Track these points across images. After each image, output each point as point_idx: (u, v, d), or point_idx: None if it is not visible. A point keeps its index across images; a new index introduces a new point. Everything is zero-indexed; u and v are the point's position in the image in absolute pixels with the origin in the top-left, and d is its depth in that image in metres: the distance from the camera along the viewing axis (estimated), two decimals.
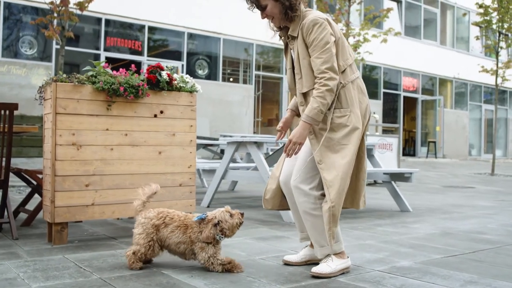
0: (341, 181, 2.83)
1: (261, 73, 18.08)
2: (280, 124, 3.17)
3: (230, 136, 9.23)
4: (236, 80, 17.60)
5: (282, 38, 3.14)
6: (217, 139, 10.36)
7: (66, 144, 3.63)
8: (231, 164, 6.20)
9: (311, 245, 3.16)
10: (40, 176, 4.32)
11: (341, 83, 2.92)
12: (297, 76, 2.99)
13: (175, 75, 4.18)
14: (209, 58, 16.44)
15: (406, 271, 3.01)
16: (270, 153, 6.56)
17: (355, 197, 3.08)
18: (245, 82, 17.71)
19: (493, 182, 11.79)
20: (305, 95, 2.96)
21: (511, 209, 6.35)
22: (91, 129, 3.74)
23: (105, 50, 14.08)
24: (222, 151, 10.22)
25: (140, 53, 14.72)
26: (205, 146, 8.76)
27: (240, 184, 9.19)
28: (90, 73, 3.82)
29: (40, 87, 3.91)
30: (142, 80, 3.94)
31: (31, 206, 4.77)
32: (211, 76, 16.37)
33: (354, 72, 2.99)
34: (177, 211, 3.09)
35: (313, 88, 2.87)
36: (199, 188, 7.93)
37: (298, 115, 3.14)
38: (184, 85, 4.20)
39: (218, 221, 2.91)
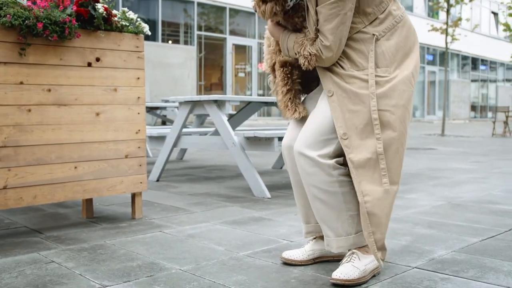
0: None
1: (203, 33, 16.89)
2: None
3: (173, 102, 8.13)
4: (176, 41, 16.34)
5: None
6: None
7: None
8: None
9: (321, 237, 2.28)
10: None
11: (374, 35, 2.00)
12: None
13: (114, 11, 3.13)
14: (146, 18, 15.09)
15: (455, 267, 2.18)
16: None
17: None
18: (186, 43, 16.49)
19: (449, 143, 11.39)
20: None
21: (496, 171, 5.74)
22: None
23: None
24: (165, 116, 9.15)
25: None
26: (149, 110, 7.67)
27: (189, 153, 8.21)
28: None
29: None
30: (69, 15, 2.86)
31: None
32: (149, 36, 15.03)
33: (394, 16, 2.03)
34: None
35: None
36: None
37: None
38: (127, 24, 3.16)
39: None
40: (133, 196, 3.26)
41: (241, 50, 18.31)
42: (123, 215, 3.35)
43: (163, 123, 10.74)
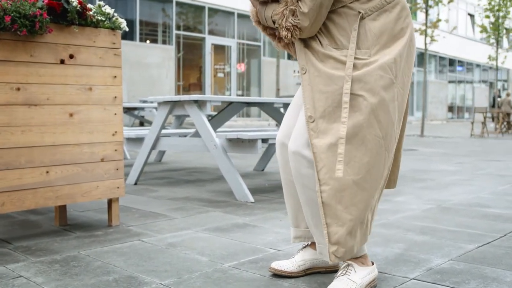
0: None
1: (181, 32, 16.66)
2: None
3: (151, 103, 7.90)
4: (154, 41, 16.08)
5: None
6: None
7: None
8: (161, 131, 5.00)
9: (312, 245, 2.13)
10: None
11: (359, 12, 1.85)
12: None
13: (90, 5, 2.94)
14: (124, 17, 14.81)
15: (455, 278, 2.05)
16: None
17: (394, 172, 2.09)
18: (164, 42, 16.24)
19: (429, 144, 11.37)
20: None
21: (480, 173, 5.67)
22: None
23: None
24: (143, 117, 8.94)
25: None
26: (126, 110, 7.45)
27: (168, 154, 8.01)
28: None
29: None
30: (41, 8, 2.67)
31: None
32: (127, 35, 14.77)
33: None
34: None
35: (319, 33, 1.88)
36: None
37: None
38: (104, 19, 2.97)
39: None
40: (110, 202, 3.07)
41: (220, 50, 18.12)
42: (98, 222, 3.15)
43: (141, 124, 10.52)
